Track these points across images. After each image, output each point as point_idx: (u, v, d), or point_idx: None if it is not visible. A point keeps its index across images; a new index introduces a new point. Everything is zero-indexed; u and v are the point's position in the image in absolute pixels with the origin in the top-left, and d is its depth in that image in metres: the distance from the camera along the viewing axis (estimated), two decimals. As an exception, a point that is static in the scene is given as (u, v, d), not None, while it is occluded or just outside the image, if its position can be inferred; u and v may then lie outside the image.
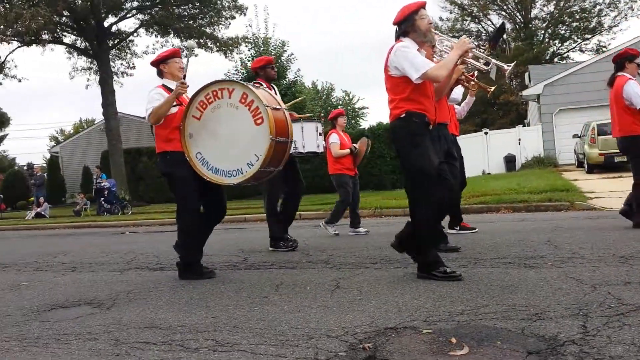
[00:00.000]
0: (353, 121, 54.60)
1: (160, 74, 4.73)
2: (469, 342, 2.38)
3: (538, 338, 2.41)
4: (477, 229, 6.57)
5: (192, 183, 4.54)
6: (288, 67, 21.79)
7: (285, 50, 21.72)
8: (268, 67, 6.08)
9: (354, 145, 7.43)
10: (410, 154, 3.88)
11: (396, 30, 4.09)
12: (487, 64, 4.05)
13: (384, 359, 2.28)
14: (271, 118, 4.32)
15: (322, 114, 23.44)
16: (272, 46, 21.65)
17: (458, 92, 5.83)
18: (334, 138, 7.27)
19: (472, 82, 5.29)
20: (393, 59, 3.87)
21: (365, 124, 51.50)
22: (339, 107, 29.92)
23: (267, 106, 4.36)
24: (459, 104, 6.39)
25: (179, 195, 4.64)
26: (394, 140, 4.12)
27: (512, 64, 4.04)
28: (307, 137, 5.08)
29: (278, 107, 4.64)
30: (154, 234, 10.41)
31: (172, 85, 4.60)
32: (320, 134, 6.18)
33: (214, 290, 4.03)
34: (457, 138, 6.11)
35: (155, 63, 4.75)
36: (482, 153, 22.31)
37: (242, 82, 4.59)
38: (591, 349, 2.23)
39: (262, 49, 21.44)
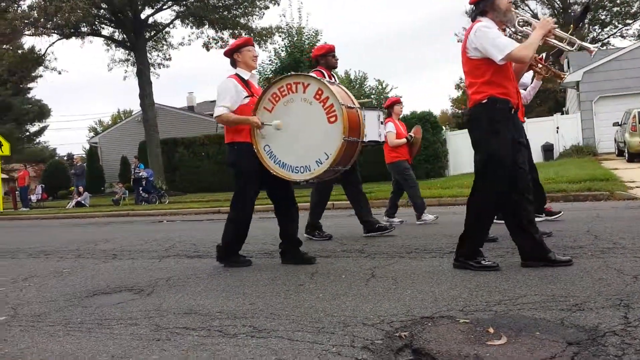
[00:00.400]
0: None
1: (234, 63, 4.67)
2: (507, 332, 2.36)
3: (578, 329, 2.37)
4: (562, 212, 6.47)
5: (254, 177, 4.53)
6: (322, 57, 21.72)
7: (319, 40, 21.65)
8: (329, 55, 5.87)
9: (410, 134, 7.25)
10: (489, 141, 3.69)
11: (472, 9, 3.92)
12: (571, 44, 3.85)
13: (420, 347, 2.28)
14: (345, 117, 4.22)
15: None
16: (306, 36, 21.61)
17: (528, 76, 5.54)
18: (390, 127, 7.01)
19: (541, 66, 5.03)
20: (473, 39, 3.68)
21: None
22: (372, 96, 29.64)
23: (342, 105, 4.25)
24: (525, 88, 6.07)
25: (239, 186, 4.60)
26: (473, 127, 3.88)
27: (598, 45, 3.84)
28: (369, 126, 4.93)
29: (352, 105, 4.51)
30: (191, 222, 10.60)
31: (246, 74, 4.58)
32: (382, 123, 5.98)
33: (250, 278, 4.09)
34: None
35: (228, 52, 4.68)
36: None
37: (318, 78, 4.50)
38: (633, 340, 2.18)
39: (295, 38, 21.44)
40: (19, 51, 26.62)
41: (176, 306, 3.33)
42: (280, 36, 22.68)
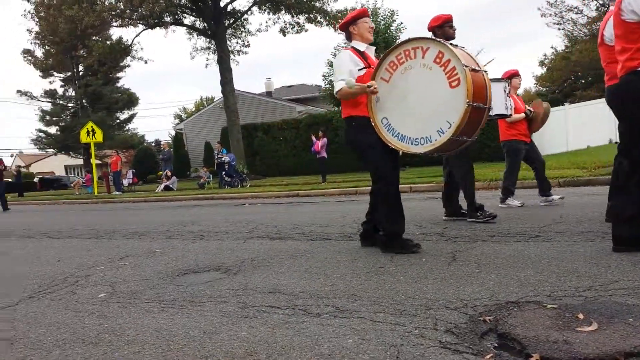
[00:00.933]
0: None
1: (349, 36, 4.54)
2: (598, 319, 2.27)
3: (678, 318, 2.23)
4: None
5: (381, 149, 4.28)
6: (397, 37, 21.43)
7: (395, 20, 21.35)
8: (446, 26, 5.48)
9: (529, 108, 6.94)
10: None
11: None
12: None
13: (506, 332, 2.24)
14: (469, 80, 3.83)
15: None
16: (381, 17, 21.36)
17: None
18: None
19: None
20: (631, 1, 3.40)
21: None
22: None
23: (466, 66, 3.86)
24: None
25: (371, 163, 4.38)
26: (623, 98, 3.58)
27: None
28: (495, 98, 4.59)
29: (477, 68, 4.09)
30: (272, 205, 10.88)
31: (362, 46, 4.44)
32: (508, 95, 5.66)
33: (331, 259, 4.16)
34: None
35: (343, 26, 4.55)
36: (608, 120, 20.58)
37: (438, 40, 4.15)
38: None
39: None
40: (108, 42, 28.27)
41: (261, 285, 3.45)
42: (355, 18, 22.51)
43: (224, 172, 19.58)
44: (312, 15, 24.52)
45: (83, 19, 20.19)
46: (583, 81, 44.31)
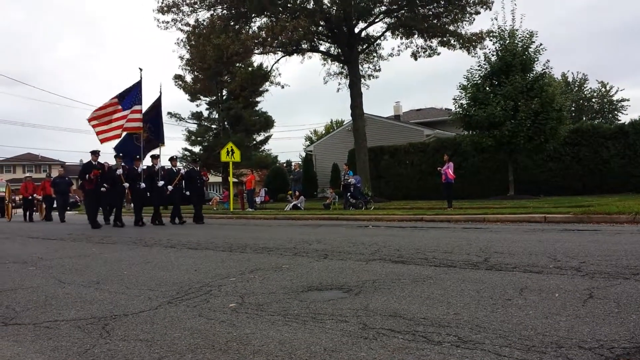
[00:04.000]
0: (610, 115, 48.59)
1: None
2: None
3: None
4: None
5: None
6: (536, 59, 20.43)
7: (533, 42, 20.38)
8: None
9: None
10: None
11: None
12: None
13: (649, 381, 2.04)
14: None
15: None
16: (519, 38, 20.53)
17: None
18: None
19: None
20: None
21: (624, 118, 45.61)
22: (593, 100, 26.70)
23: None
24: None
25: None
26: None
27: None
28: None
29: None
30: (395, 229, 10.82)
31: None
32: None
33: (454, 288, 4.05)
34: None
35: None
36: None
37: None
38: None
39: (507, 41, 20.52)
40: (250, 68, 30.21)
41: (382, 308, 3.46)
42: (491, 40, 21.92)
43: (349, 194, 19.84)
44: (445, 39, 24.27)
45: (229, 47, 21.79)
46: None
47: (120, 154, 15.72)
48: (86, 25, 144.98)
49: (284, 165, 47.47)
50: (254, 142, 45.86)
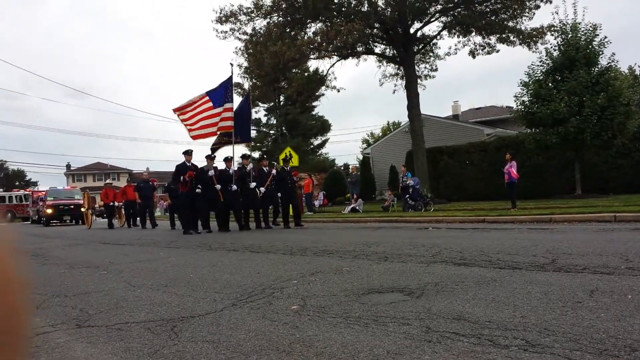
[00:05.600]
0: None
1: None
2: None
3: None
4: None
5: None
6: (600, 53, 19.55)
7: (597, 35, 19.51)
8: None
9: None
10: None
11: None
12: None
13: None
14: None
15: None
16: (582, 32, 19.72)
17: None
18: None
19: None
20: None
21: None
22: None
23: None
24: None
25: None
26: None
27: None
28: None
29: None
30: (456, 230, 10.62)
31: None
32: None
33: (521, 290, 3.93)
34: None
35: None
36: None
37: None
38: None
39: (570, 35, 19.75)
40: (306, 74, 30.51)
41: (445, 311, 3.40)
42: (552, 35, 21.14)
43: (408, 196, 19.65)
44: (504, 35, 23.63)
45: (285, 54, 22.10)
46: None
47: (214, 155, 15.05)
48: (146, 38, 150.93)
49: (342, 168, 47.54)
50: (312, 146, 46.27)
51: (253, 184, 14.62)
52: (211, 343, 3.01)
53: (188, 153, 14.16)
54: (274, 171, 15.48)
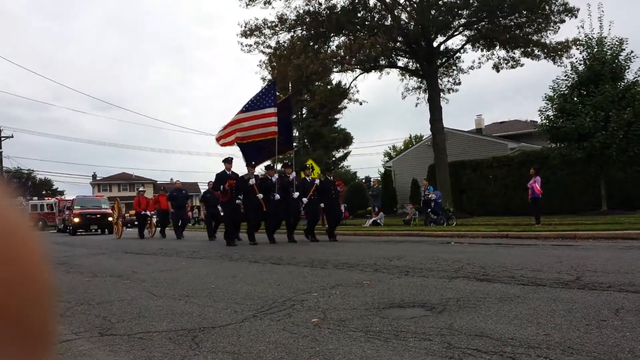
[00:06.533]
0: None
1: None
2: None
3: None
4: None
5: None
6: (627, 67, 19.28)
7: (623, 49, 19.26)
8: None
9: None
10: None
11: None
12: None
13: None
14: None
15: None
16: (608, 46, 19.48)
17: None
18: None
19: None
20: None
21: None
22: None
23: None
24: None
25: None
26: None
27: None
28: None
29: None
30: (479, 245, 10.50)
31: None
32: None
33: (544, 307, 3.88)
34: None
35: None
36: None
37: None
38: None
39: (595, 50, 19.53)
40: (328, 87, 30.65)
41: (467, 327, 3.37)
42: (577, 49, 20.91)
43: (429, 210, 19.52)
44: (529, 49, 23.47)
45: (308, 67, 22.28)
46: None
47: (253, 162, 14.27)
48: (175, 52, 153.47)
49: (363, 181, 47.49)
50: (333, 158, 46.29)
51: (296, 194, 13.93)
52: (231, 354, 3.03)
53: (228, 161, 13.54)
54: (317, 181, 14.61)
